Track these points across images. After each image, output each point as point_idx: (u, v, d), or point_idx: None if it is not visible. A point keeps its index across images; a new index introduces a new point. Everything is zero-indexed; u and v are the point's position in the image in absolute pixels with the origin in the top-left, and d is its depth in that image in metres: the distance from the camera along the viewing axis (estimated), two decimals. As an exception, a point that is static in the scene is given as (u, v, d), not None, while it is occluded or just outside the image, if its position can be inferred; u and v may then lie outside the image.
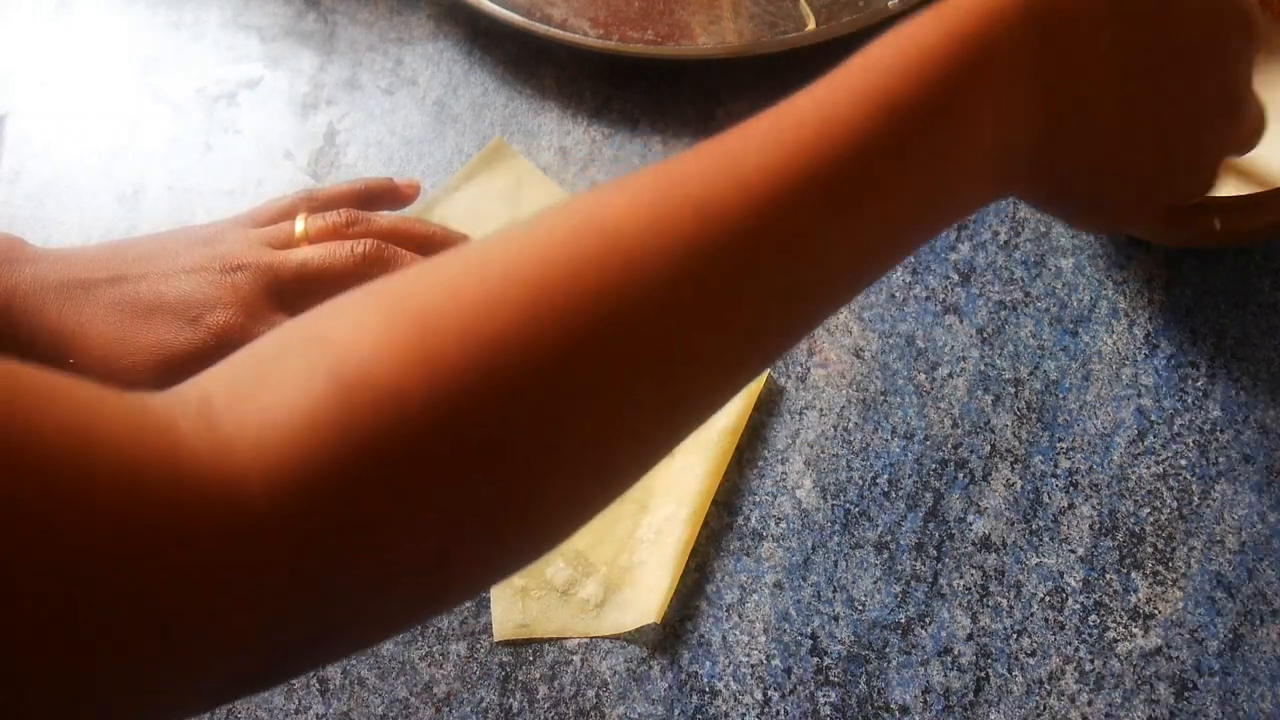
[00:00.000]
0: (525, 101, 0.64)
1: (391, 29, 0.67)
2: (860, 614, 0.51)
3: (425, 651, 0.52)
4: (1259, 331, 0.55)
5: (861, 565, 0.52)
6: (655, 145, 0.62)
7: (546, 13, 0.63)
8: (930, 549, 0.52)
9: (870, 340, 0.56)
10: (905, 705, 0.49)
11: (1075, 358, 0.55)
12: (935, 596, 0.51)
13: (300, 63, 0.66)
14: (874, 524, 0.52)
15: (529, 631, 0.52)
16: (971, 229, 0.58)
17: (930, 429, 0.54)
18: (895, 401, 0.55)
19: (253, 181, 0.63)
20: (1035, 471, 0.53)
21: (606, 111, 0.63)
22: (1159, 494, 0.52)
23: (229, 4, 0.68)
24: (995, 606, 0.50)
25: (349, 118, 0.64)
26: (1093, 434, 0.53)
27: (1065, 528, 0.52)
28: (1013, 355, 0.55)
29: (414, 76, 0.65)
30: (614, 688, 0.51)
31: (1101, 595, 0.50)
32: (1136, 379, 0.54)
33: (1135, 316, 0.56)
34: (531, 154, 0.62)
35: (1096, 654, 0.49)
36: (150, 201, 0.63)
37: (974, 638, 0.50)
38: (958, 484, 0.53)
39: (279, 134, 0.64)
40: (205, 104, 0.66)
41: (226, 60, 0.67)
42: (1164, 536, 0.51)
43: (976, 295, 0.57)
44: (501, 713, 0.51)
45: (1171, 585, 0.50)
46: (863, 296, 0.57)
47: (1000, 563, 0.51)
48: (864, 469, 0.54)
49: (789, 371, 0.56)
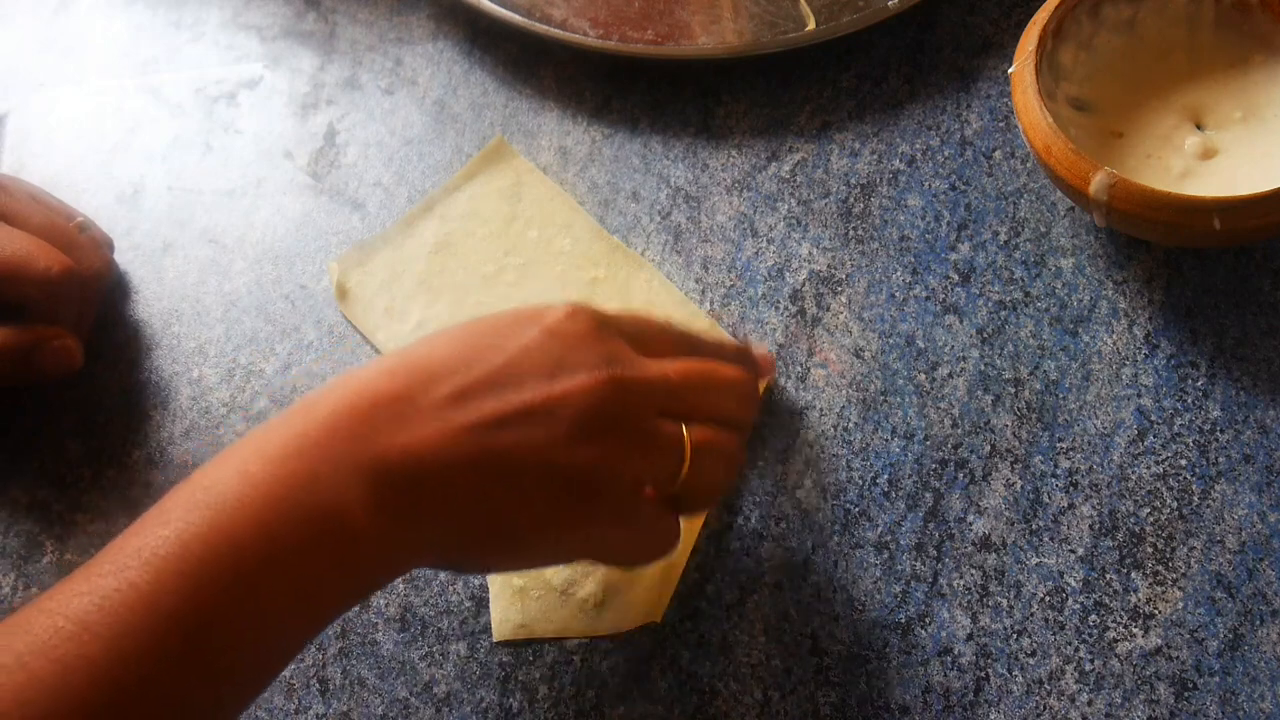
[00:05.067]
0: (525, 101, 0.64)
1: (391, 29, 0.67)
2: (860, 614, 0.51)
3: (425, 651, 0.52)
4: (1259, 331, 0.55)
5: (861, 565, 0.52)
6: (655, 145, 0.62)
7: (546, 13, 0.63)
8: (930, 549, 0.52)
9: (870, 340, 0.56)
10: (905, 705, 0.49)
11: (1075, 358, 0.55)
12: (935, 596, 0.51)
13: (300, 63, 0.66)
14: (874, 524, 0.52)
15: (528, 631, 0.52)
16: (972, 229, 0.58)
17: (930, 429, 0.54)
18: (895, 401, 0.55)
19: (253, 181, 0.63)
20: (1035, 471, 0.53)
21: (606, 111, 0.63)
22: (1159, 494, 0.52)
23: (229, 4, 0.68)
24: (995, 606, 0.50)
25: (349, 118, 0.64)
26: (1093, 434, 0.53)
27: (1065, 528, 0.52)
28: (1013, 355, 0.55)
29: (414, 76, 0.65)
30: (614, 688, 0.51)
31: (1101, 595, 0.50)
32: (1136, 379, 0.54)
33: (1135, 316, 0.56)
34: (531, 154, 0.62)
35: (1096, 654, 0.49)
36: (150, 201, 0.63)
37: (974, 638, 0.50)
38: (958, 484, 0.53)
39: (279, 134, 0.64)
40: (205, 104, 0.66)
41: (226, 60, 0.67)
42: (1164, 536, 0.51)
43: (976, 295, 0.57)
44: (501, 713, 0.51)
45: (1171, 585, 0.50)
46: (863, 296, 0.57)
47: (1000, 563, 0.51)
48: (864, 469, 0.54)
49: (789, 371, 0.56)
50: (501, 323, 0.45)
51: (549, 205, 0.61)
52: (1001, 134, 0.60)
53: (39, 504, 0.56)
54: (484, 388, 0.43)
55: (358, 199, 0.62)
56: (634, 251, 0.59)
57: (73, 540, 0.55)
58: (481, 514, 0.43)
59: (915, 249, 0.58)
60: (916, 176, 0.60)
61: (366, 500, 0.40)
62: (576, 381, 0.43)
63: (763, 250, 0.59)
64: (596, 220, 0.60)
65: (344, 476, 0.40)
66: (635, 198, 0.61)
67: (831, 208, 0.60)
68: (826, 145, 0.61)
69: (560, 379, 0.43)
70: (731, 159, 0.61)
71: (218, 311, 0.60)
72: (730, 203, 0.60)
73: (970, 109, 0.61)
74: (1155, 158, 0.55)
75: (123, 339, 0.60)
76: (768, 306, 0.57)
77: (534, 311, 0.45)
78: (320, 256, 0.61)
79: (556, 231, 0.60)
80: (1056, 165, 0.53)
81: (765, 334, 0.57)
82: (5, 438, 0.58)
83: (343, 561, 0.41)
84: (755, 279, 0.58)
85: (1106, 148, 0.56)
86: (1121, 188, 0.51)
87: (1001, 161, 0.60)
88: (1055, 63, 0.56)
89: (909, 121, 0.61)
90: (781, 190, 0.60)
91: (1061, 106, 0.56)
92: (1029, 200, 0.59)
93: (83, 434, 0.58)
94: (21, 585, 0.54)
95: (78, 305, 0.56)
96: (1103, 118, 0.56)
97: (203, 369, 0.59)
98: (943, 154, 0.60)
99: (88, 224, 0.60)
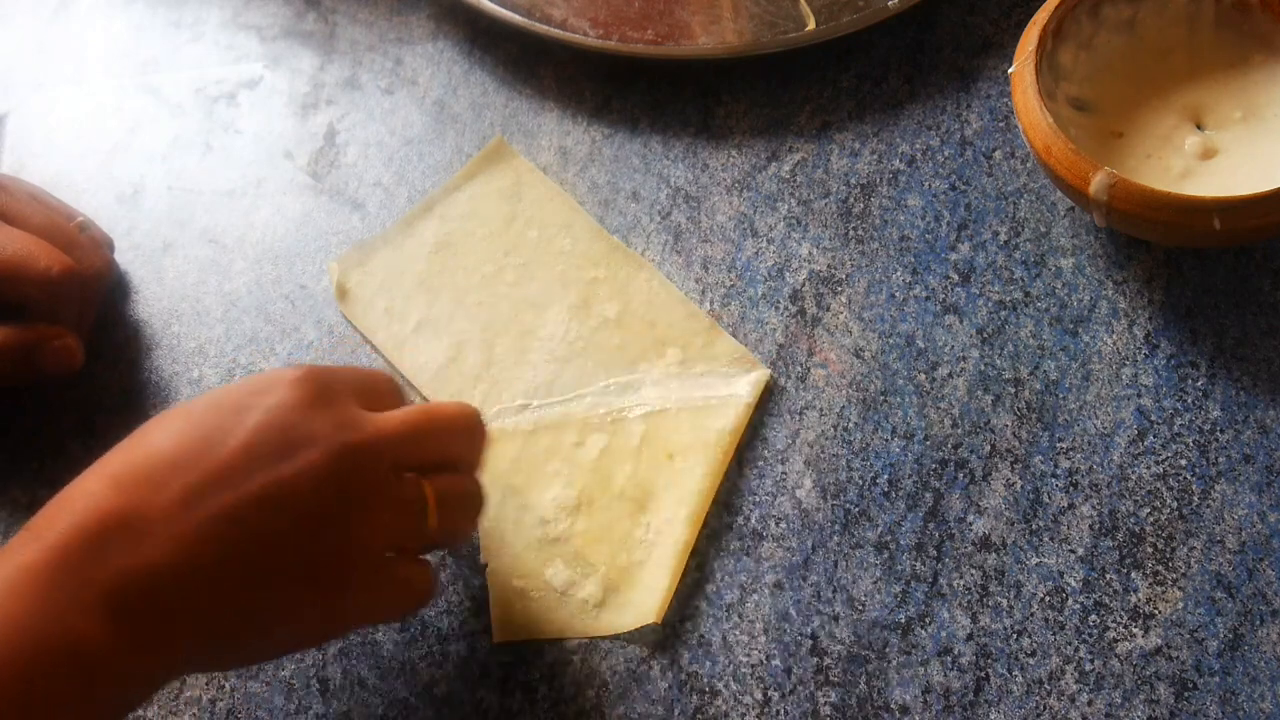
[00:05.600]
0: (525, 101, 0.64)
1: (391, 29, 0.67)
2: (860, 614, 0.51)
3: (425, 651, 0.52)
4: (1259, 331, 0.55)
5: (861, 565, 0.52)
6: (655, 145, 0.62)
7: (546, 13, 0.63)
8: (930, 549, 0.52)
9: (870, 340, 0.56)
10: (905, 705, 0.49)
11: (1075, 358, 0.55)
12: (935, 596, 0.51)
13: (300, 63, 0.66)
14: (874, 524, 0.52)
15: (528, 632, 0.52)
16: (972, 229, 0.58)
17: (930, 429, 0.54)
18: (895, 401, 0.55)
19: (253, 181, 0.63)
20: (1035, 471, 0.53)
21: (606, 111, 0.63)
22: (1159, 494, 0.52)
23: (229, 4, 0.68)
24: (995, 606, 0.50)
25: (349, 118, 0.64)
26: (1093, 434, 0.53)
27: (1065, 528, 0.52)
28: (1013, 355, 0.55)
29: (414, 76, 0.65)
30: (614, 688, 0.51)
31: (1101, 595, 0.50)
32: (1136, 379, 0.54)
33: (1135, 316, 0.56)
34: (531, 154, 0.62)
35: (1096, 654, 0.49)
36: (150, 201, 0.63)
37: (974, 638, 0.50)
38: (958, 484, 0.53)
39: (279, 134, 0.64)
40: (205, 104, 0.66)
41: (226, 60, 0.67)
42: (1164, 536, 0.51)
43: (976, 295, 0.57)
44: (501, 713, 0.51)
45: (1171, 585, 0.50)
46: (863, 296, 0.57)
47: (1000, 563, 0.51)
48: (864, 469, 0.54)
49: (789, 371, 0.56)
50: (226, 402, 0.43)
51: (549, 205, 0.61)
52: (1001, 134, 0.60)
53: (39, 504, 0.56)
54: (213, 482, 0.41)
55: (358, 199, 0.62)
56: (634, 251, 0.59)
57: (73, 540, 0.55)
58: (229, 618, 0.41)
59: (915, 249, 0.58)
60: (916, 176, 0.60)
61: (105, 631, 0.39)
62: (308, 457, 0.42)
63: (763, 250, 0.59)
64: (596, 220, 0.60)
65: (79, 609, 0.39)
66: (635, 198, 0.61)
67: (831, 208, 0.60)
68: (826, 145, 0.61)
69: (290, 458, 0.41)
70: (731, 159, 0.61)
71: (218, 311, 0.60)
72: (730, 203, 0.60)
73: (970, 109, 0.61)
74: (1155, 158, 0.55)
75: (123, 339, 0.60)
76: (768, 306, 0.57)
77: (258, 386, 0.43)
78: (320, 256, 0.61)
79: (556, 231, 0.60)
80: (1056, 165, 0.53)
81: (765, 334, 0.57)
82: (5, 438, 0.58)
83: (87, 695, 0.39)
84: (755, 279, 0.58)
85: (1106, 148, 0.56)
86: (1121, 188, 0.51)
87: (1001, 161, 0.60)
88: (1055, 63, 0.56)
89: (909, 121, 0.61)
90: (781, 190, 0.60)
91: (1061, 106, 0.56)
92: (1029, 200, 0.59)
93: (83, 434, 0.58)
94: (21, 585, 0.54)
95: (78, 305, 0.56)
96: (1103, 118, 0.56)
97: (203, 369, 0.59)
98: (943, 154, 0.60)
99: (88, 224, 0.60)
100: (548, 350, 0.57)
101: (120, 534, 0.40)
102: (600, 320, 0.58)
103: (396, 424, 0.45)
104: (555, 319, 0.58)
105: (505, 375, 0.57)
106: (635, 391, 0.56)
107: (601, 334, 0.57)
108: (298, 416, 0.42)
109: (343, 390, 0.45)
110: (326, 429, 0.43)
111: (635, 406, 0.56)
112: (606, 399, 0.56)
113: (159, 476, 0.41)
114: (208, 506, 0.41)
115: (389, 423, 0.45)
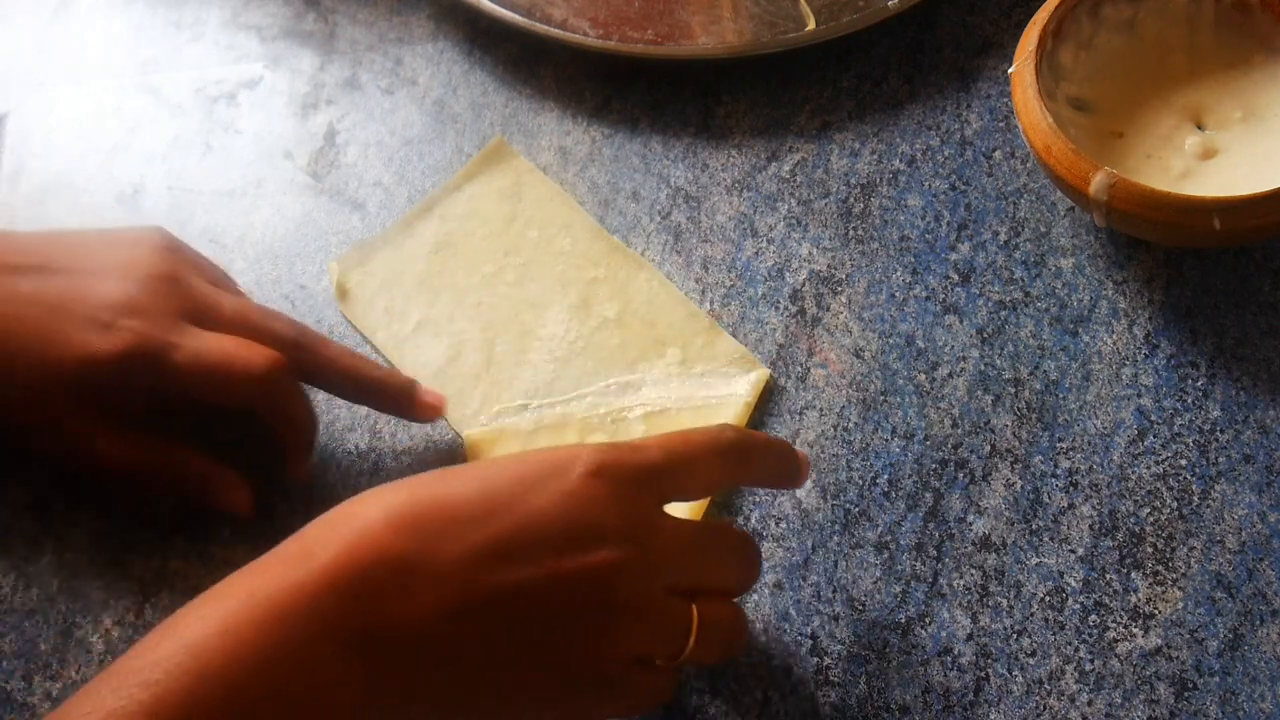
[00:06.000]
0: (525, 101, 0.64)
1: (391, 29, 0.67)
2: (860, 614, 0.51)
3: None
4: (1259, 331, 0.55)
5: (861, 565, 0.52)
6: (655, 145, 0.62)
7: (546, 13, 0.63)
8: (930, 549, 0.52)
9: (870, 340, 0.56)
10: (905, 705, 0.49)
11: (1075, 358, 0.55)
12: (935, 596, 0.51)
13: (300, 63, 0.66)
14: (874, 524, 0.52)
15: (529, 631, 0.52)
16: (971, 229, 0.58)
17: (930, 429, 0.54)
18: (895, 401, 0.55)
19: (253, 181, 0.63)
20: (1035, 471, 0.53)
21: (606, 111, 0.63)
22: (1159, 494, 0.52)
23: (229, 4, 0.68)
24: (995, 606, 0.50)
25: (349, 118, 0.64)
26: (1093, 434, 0.53)
27: (1065, 528, 0.52)
28: (1013, 355, 0.55)
29: (414, 76, 0.65)
30: (614, 688, 0.51)
31: (1101, 595, 0.50)
32: (1136, 379, 0.54)
33: (1135, 316, 0.56)
34: (531, 154, 0.62)
35: (1096, 654, 0.49)
36: (150, 201, 0.63)
37: (974, 638, 0.50)
38: (958, 484, 0.53)
39: (279, 134, 0.64)
40: (205, 104, 0.66)
41: (226, 60, 0.67)
42: (1164, 536, 0.51)
43: (976, 295, 0.57)
44: (501, 713, 0.51)
45: (1171, 585, 0.50)
46: (863, 296, 0.57)
47: (1000, 563, 0.51)
48: (864, 469, 0.54)
49: (789, 371, 0.56)
50: (525, 471, 0.42)
51: (549, 205, 0.61)
52: (1001, 134, 0.60)
53: (39, 504, 0.56)
54: (497, 553, 0.40)
55: (358, 199, 0.62)
56: (634, 251, 0.59)
57: (72, 540, 0.55)
58: (470, 692, 0.40)
59: (915, 249, 0.58)
60: (916, 176, 0.60)
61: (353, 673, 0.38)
62: (588, 559, 0.40)
63: (763, 250, 0.59)
64: (596, 220, 0.60)
65: (333, 643, 0.38)
66: (635, 198, 0.61)
67: (831, 208, 0.60)
68: (826, 145, 0.61)
69: (571, 553, 0.40)
70: (731, 159, 0.61)
71: (218, 311, 0.60)
72: (730, 203, 0.60)
73: (970, 109, 0.61)
74: (1155, 158, 0.55)
75: (123, 339, 0.60)
76: (768, 306, 0.57)
77: (559, 461, 0.42)
78: (320, 256, 0.61)
79: (556, 231, 0.60)
80: (1056, 165, 0.53)
81: (765, 334, 0.57)
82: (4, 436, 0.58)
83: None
84: (755, 279, 0.58)
85: (1106, 148, 0.56)
86: (1121, 188, 0.51)
87: (1001, 161, 0.60)
88: (1055, 63, 0.56)
89: (909, 121, 0.61)
90: (781, 190, 0.60)
91: (1061, 106, 0.56)
92: (1029, 200, 0.59)
93: (83, 434, 0.58)
94: (21, 585, 0.54)
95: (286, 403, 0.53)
96: (1103, 118, 0.56)
97: (203, 369, 0.59)
98: (943, 154, 0.60)
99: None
100: (548, 350, 0.57)
101: (394, 579, 0.39)
102: (600, 320, 0.58)
103: (685, 538, 0.43)
104: (555, 319, 0.58)
105: (505, 375, 0.57)
106: (635, 391, 0.56)
107: (601, 334, 0.57)
108: (595, 507, 0.41)
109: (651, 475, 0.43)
110: (619, 530, 0.41)
111: (635, 406, 0.56)
112: (607, 399, 0.56)
113: (445, 530, 0.40)
114: (488, 578, 0.40)
115: (679, 535, 0.43)
